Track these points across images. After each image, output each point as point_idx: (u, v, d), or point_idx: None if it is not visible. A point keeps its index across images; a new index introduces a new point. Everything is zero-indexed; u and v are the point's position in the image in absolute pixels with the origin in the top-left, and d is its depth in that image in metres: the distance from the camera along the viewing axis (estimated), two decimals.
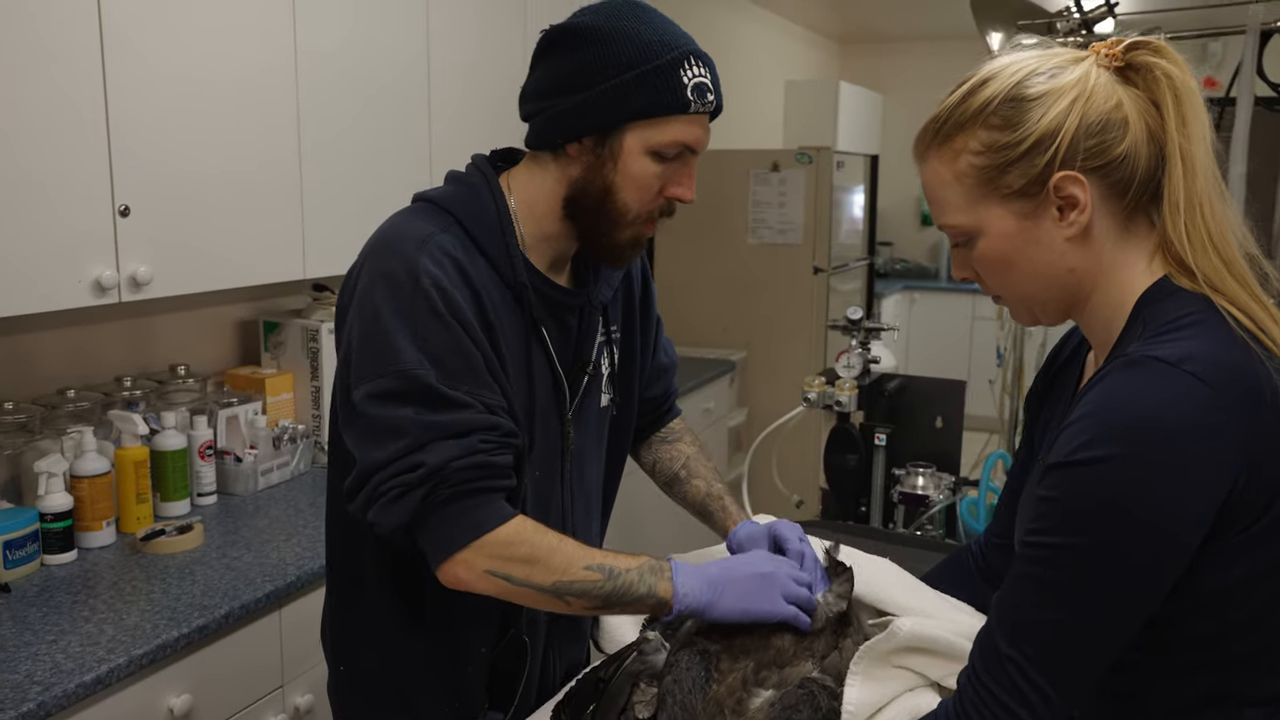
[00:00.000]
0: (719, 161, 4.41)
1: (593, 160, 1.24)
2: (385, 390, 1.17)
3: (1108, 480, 0.90)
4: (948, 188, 1.02)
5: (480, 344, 1.21)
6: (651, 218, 1.29)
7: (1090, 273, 1.02)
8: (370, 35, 2.41)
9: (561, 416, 1.36)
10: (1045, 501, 0.94)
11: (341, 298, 1.27)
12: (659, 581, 1.21)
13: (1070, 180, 0.97)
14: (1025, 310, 1.08)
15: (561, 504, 1.40)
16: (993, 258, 1.03)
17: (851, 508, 2.46)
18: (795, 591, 1.21)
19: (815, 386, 2.38)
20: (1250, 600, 0.94)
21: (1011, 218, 1.00)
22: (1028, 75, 0.99)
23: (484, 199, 1.28)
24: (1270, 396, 0.91)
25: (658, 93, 1.20)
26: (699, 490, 1.55)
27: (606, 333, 1.42)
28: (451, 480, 1.15)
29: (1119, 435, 0.90)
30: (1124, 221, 1.01)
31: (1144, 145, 0.98)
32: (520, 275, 1.27)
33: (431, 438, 1.15)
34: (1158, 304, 0.99)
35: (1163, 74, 0.98)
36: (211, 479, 2.25)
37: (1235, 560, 0.92)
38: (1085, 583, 0.92)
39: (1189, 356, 0.91)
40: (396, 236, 1.23)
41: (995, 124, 0.98)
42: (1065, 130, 0.96)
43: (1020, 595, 0.97)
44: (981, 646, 1.00)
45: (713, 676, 1.24)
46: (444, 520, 1.17)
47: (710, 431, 3.95)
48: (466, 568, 1.17)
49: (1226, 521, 0.91)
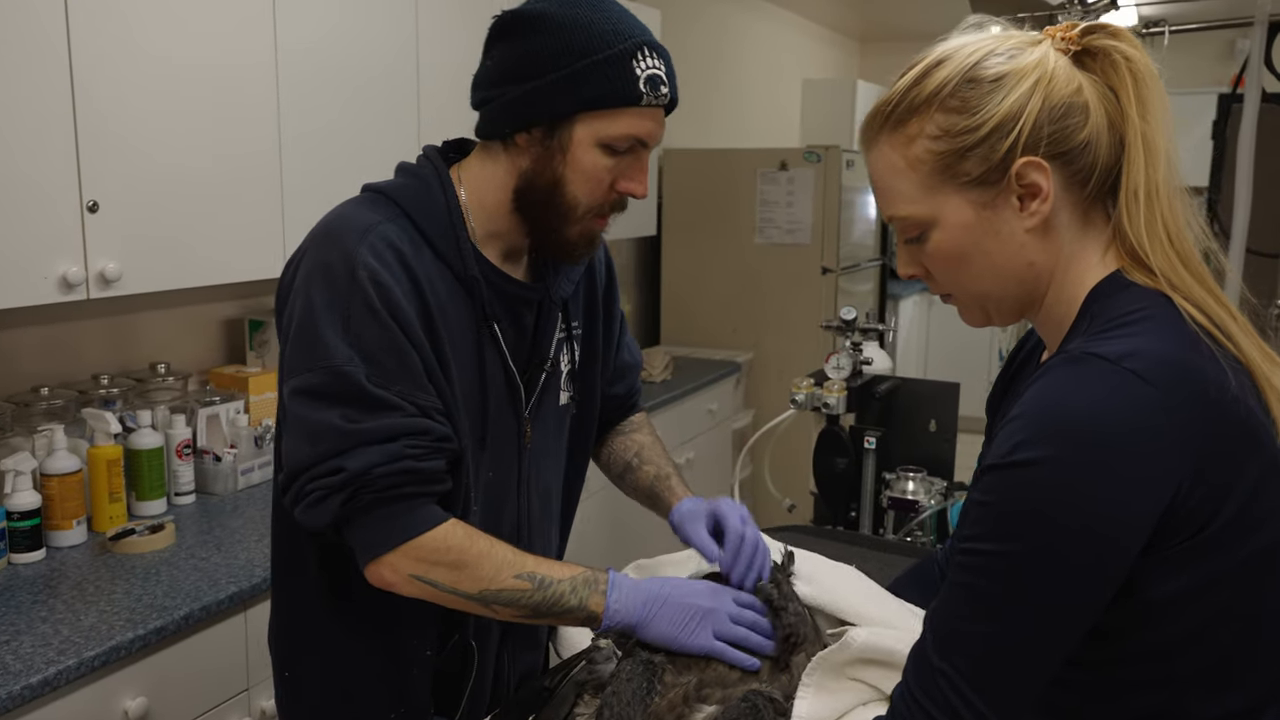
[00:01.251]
0: (726, 160, 4.36)
1: (541, 151, 1.20)
2: (313, 386, 1.14)
3: (1041, 484, 0.84)
4: (900, 176, 0.96)
5: (418, 342, 1.17)
6: (603, 212, 1.25)
7: (1048, 268, 0.96)
8: (355, 29, 2.38)
9: (518, 414, 1.33)
10: (979, 506, 0.89)
11: (281, 288, 1.24)
12: (591, 595, 1.18)
13: (1033, 167, 0.91)
14: (979, 309, 1.02)
15: (517, 504, 1.36)
16: (948, 251, 0.97)
17: (841, 512, 2.40)
18: (730, 631, 1.18)
19: (803, 388, 2.33)
20: (1196, 614, 0.89)
21: (969, 208, 0.94)
22: (985, 56, 0.93)
23: (433, 190, 1.24)
24: (1218, 396, 0.86)
25: (609, 83, 1.16)
26: (648, 475, 1.51)
27: (567, 329, 1.39)
28: (375, 485, 1.13)
29: (1053, 436, 0.84)
30: (1083, 213, 0.96)
31: (1104, 133, 0.93)
32: (471, 268, 1.23)
33: (355, 442, 1.12)
34: (1108, 299, 0.94)
35: (1121, 57, 0.93)
36: (190, 478, 2.24)
37: (1179, 570, 0.87)
38: (1018, 593, 0.87)
39: (1131, 354, 0.86)
40: (339, 226, 1.20)
41: (953, 107, 0.92)
42: (1028, 114, 0.90)
43: (952, 605, 0.92)
44: (915, 659, 0.95)
45: (655, 689, 1.19)
46: (370, 523, 1.15)
47: (714, 433, 3.91)
48: (392, 570, 1.15)
49: (1170, 529, 0.85)
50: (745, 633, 1.19)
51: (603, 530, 3.05)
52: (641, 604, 1.18)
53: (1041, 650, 0.89)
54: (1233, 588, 0.88)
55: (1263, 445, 0.88)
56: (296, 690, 1.33)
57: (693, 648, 1.17)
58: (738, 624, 1.19)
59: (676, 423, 3.60)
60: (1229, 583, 0.88)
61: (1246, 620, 0.90)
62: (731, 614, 1.19)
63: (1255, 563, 0.88)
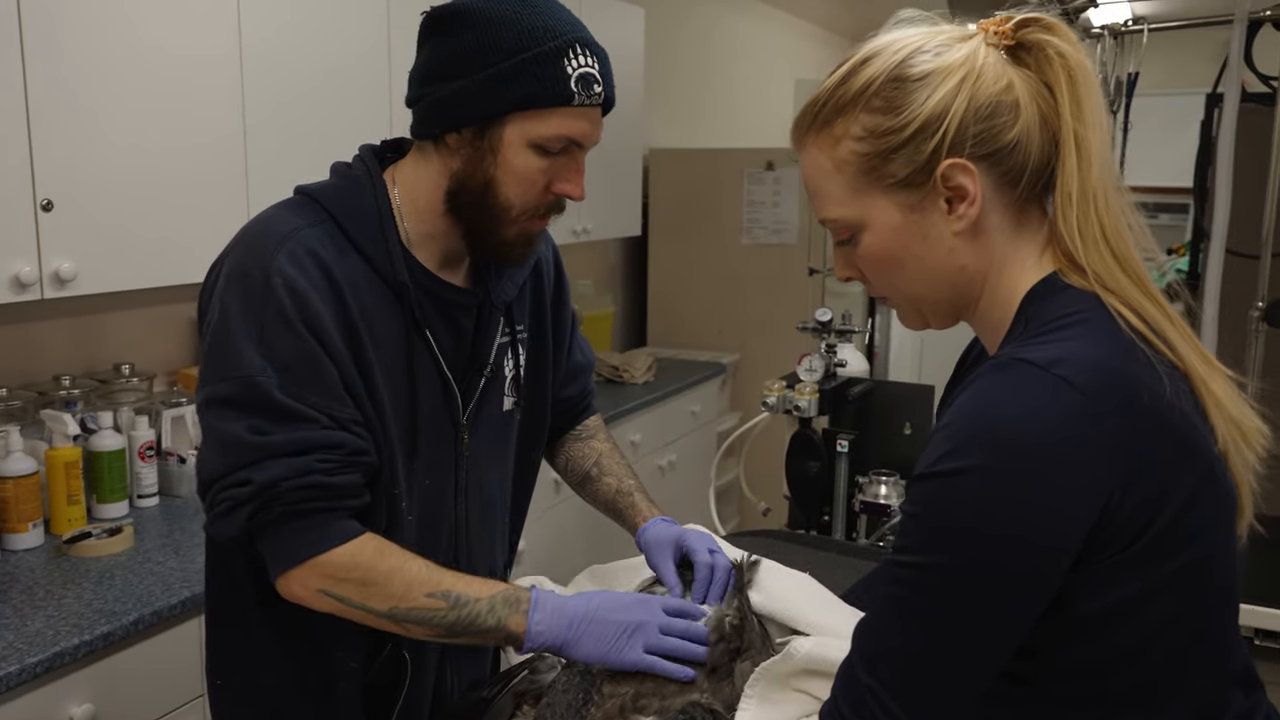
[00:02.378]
0: (712, 160, 4.33)
1: (472, 153, 1.17)
2: (224, 396, 1.12)
3: (967, 494, 0.82)
4: (828, 178, 0.94)
5: (335, 352, 1.15)
6: (539, 214, 1.22)
7: (981, 270, 0.94)
8: (323, 17, 2.35)
9: (455, 422, 1.30)
10: (907, 517, 0.87)
11: (203, 293, 1.22)
12: (512, 615, 1.15)
13: (958, 169, 0.88)
14: (915, 313, 1.00)
15: (455, 514, 1.33)
16: (878, 254, 0.94)
17: (815, 517, 2.37)
18: (660, 643, 1.15)
19: (775, 390, 2.30)
20: (1131, 629, 0.86)
21: (896, 210, 0.91)
22: (912, 53, 0.91)
23: (363, 192, 1.21)
24: (1151, 403, 0.83)
25: (538, 83, 1.13)
26: (610, 488, 1.48)
27: (511, 333, 1.36)
28: (283, 499, 1.10)
29: (980, 445, 0.81)
30: (1016, 214, 0.93)
31: (1036, 131, 0.90)
32: (400, 274, 1.20)
33: (263, 455, 1.10)
34: (1042, 303, 0.91)
35: (1055, 53, 0.90)
36: (153, 480, 2.21)
37: (1112, 584, 0.84)
38: (945, 606, 0.84)
39: (1061, 359, 0.83)
40: (259, 232, 1.18)
41: (877, 107, 0.90)
42: (952, 114, 0.88)
43: (880, 619, 0.89)
44: (843, 675, 0.92)
45: (592, 700, 1.17)
46: (280, 536, 1.13)
47: (697, 435, 3.88)
48: (300, 585, 1.13)
49: (1101, 541, 0.82)
50: (677, 643, 1.16)
51: (582, 530, 3.02)
52: (566, 623, 1.15)
53: (970, 665, 0.86)
54: (1167, 601, 0.85)
55: (1198, 453, 0.86)
56: (226, 699, 1.31)
57: (624, 664, 1.14)
58: (668, 634, 1.16)
59: (658, 425, 3.57)
60: (1163, 596, 0.85)
61: (1182, 635, 0.88)
62: (662, 625, 1.16)
63: (1189, 575, 0.86)
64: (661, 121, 4.63)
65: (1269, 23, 2.33)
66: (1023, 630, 0.85)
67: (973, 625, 0.84)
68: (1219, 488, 0.87)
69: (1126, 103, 2.59)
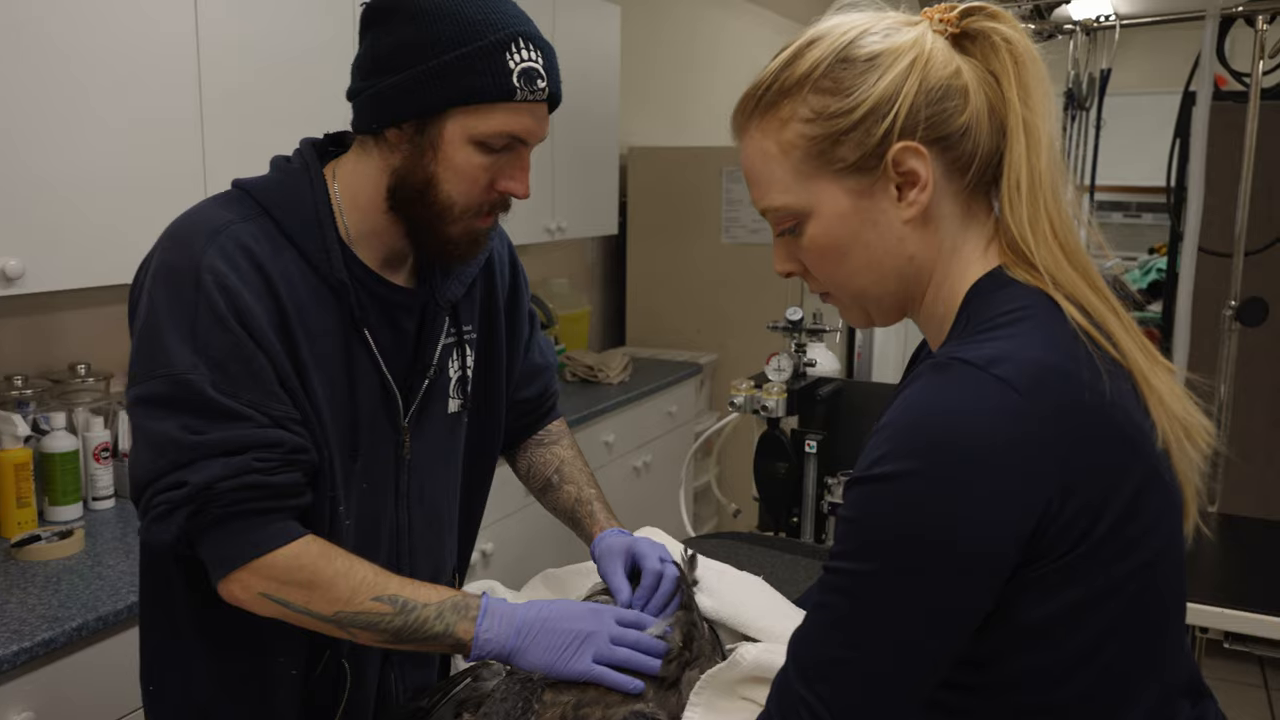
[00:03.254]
0: (691, 158, 4.30)
1: (412, 148, 1.14)
2: (154, 395, 1.08)
3: (901, 499, 0.79)
4: (772, 162, 0.90)
5: (269, 349, 1.11)
6: (483, 212, 1.19)
7: (929, 262, 0.91)
8: (286, 11, 2.31)
9: (395, 424, 1.26)
10: (843, 522, 0.84)
11: (132, 290, 1.18)
12: (460, 621, 1.12)
13: (910, 152, 0.86)
14: (859, 308, 0.96)
15: (396, 519, 1.30)
16: (824, 244, 0.91)
17: (784, 518, 2.34)
18: (610, 653, 1.12)
19: (743, 390, 2.27)
20: (1075, 637, 0.83)
21: (845, 196, 0.88)
22: (859, 35, 0.89)
23: (301, 188, 1.18)
24: (1093, 402, 0.80)
25: (479, 77, 1.10)
26: (570, 496, 1.45)
27: (457, 334, 1.32)
28: (221, 500, 1.07)
29: (916, 449, 0.79)
30: (965, 205, 0.91)
31: (985, 118, 0.88)
32: (339, 272, 1.17)
33: (198, 455, 1.07)
34: (984, 299, 0.88)
35: (1001, 39, 0.88)
36: (108, 482, 2.17)
37: (1053, 591, 0.81)
38: (879, 616, 0.81)
39: (999, 359, 0.80)
40: (189, 226, 1.14)
41: (826, 88, 0.87)
42: (904, 95, 0.85)
43: (815, 628, 0.86)
44: (778, 687, 0.89)
45: (532, 709, 1.13)
46: (220, 538, 1.09)
47: (674, 436, 3.85)
48: (242, 588, 1.10)
49: (1040, 548, 0.80)
50: (628, 654, 1.13)
51: (552, 533, 2.99)
52: (515, 631, 1.12)
53: (905, 677, 0.83)
54: (1111, 608, 0.83)
55: (1141, 454, 0.83)
56: (158, 705, 1.27)
57: (572, 674, 1.11)
58: (619, 645, 1.13)
59: (634, 425, 3.54)
60: (1107, 603, 0.82)
61: (1128, 643, 0.85)
62: (613, 635, 1.13)
63: (1134, 582, 0.83)
64: (640, 120, 4.59)
65: (1241, 19, 2.31)
66: (958, 640, 0.83)
67: (906, 636, 0.81)
68: (1163, 489, 0.85)
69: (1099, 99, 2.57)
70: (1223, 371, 2.33)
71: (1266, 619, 1.87)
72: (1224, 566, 2.11)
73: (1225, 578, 2.06)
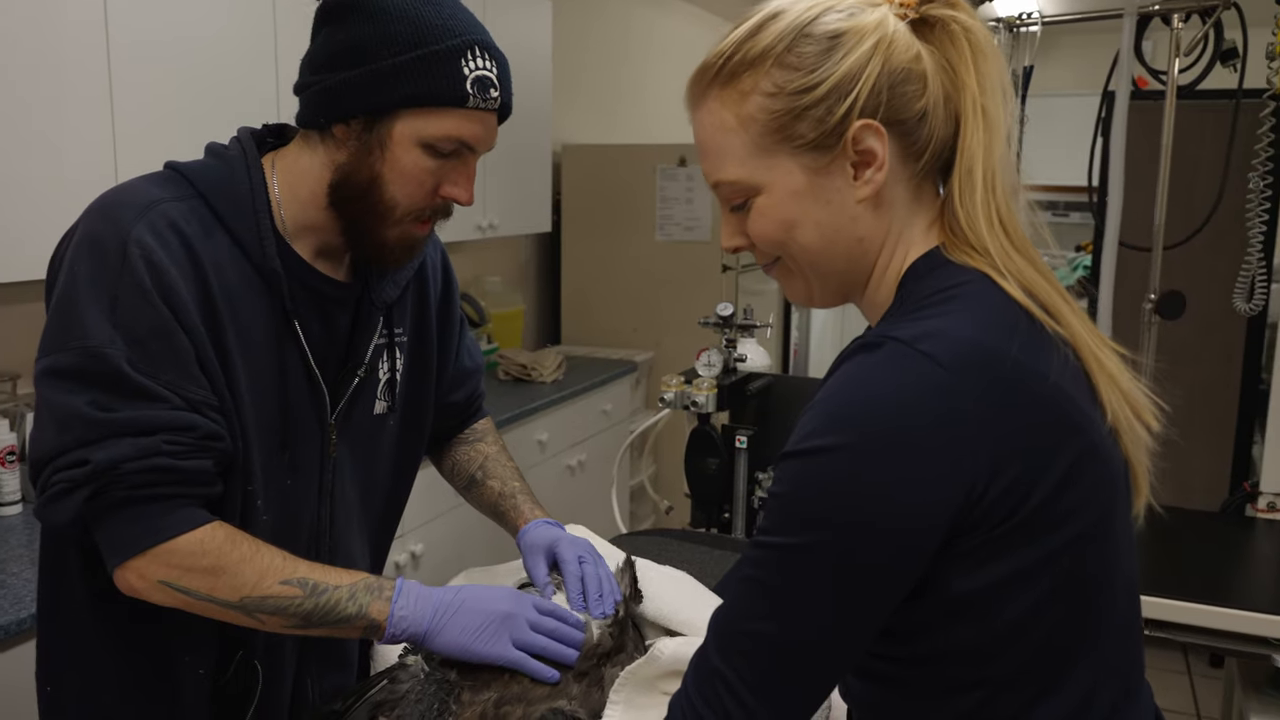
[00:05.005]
0: (625, 156, 4.29)
1: (359, 146, 1.13)
2: (65, 367, 1.04)
3: (826, 474, 0.79)
4: (730, 134, 0.89)
5: (192, 330, 1.08)
6: (423, 217, 1.17)
7: (876, 244, 0.91)
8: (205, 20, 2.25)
9: (322, 421, 1.23)
10: (771, 497, 0.84)
11: (51, 265, 1.14)
12: (374, 601, 1.10)
13: (869, 131, 0.86)
14: (803, 285, 0.95)
15: (317, 515, 1.27)
16: (775, 219, 0.90)
17: (715, 514, 2.33)
18: (529, 639, 1.11)
19: (673, 386, 2.26)
20: (1004, 612, 0.83)
21: (801, 173, 0.88)
22: (823, 12, 0.88)
23: (237, 174, 1.15)
24: (1024, 379, 0.81)
25: (432, 81, 1.09)
26: (494, 491, 1.44)
27: (389, 335, 1.30)
28: (124, 482, 1.03)
29: (845, 425, 0.79)
30: (915, 190, 0.91)
31: (940, 106, 0.88)
32: (271, 260, 1.14)
33: (105, 433, 1.03)
34: (920, 279, 0.89)
35: (960, 28, 0.89)
36: (15, 487, 2.09)
37: (981, 566, 0.81)
38: (801, 591, 0.81)
39: (928, 335, 0.80)
40: (117, 199, 1.11)
41: (789, 63, 0.86)
42: (868, 75, 0.85)
43: (738, 602, 0.86)
44: (695, 661, 0.89)
45: (450, 710, 1.10)
46: (119, 523, 1.05)
47: (609, 434, 3.83)
48: (139, 576, 1.06)
49: (969, 522, 0.80)
50: (546, 642, 1.11)
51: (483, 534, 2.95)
52: (431, 611, 1.10)
53: (826, 652, 0.83)
54: (1041, 583, 0.83)
55: (1079, 431, 0.83)
56: (57, 708, 1.22)
57: (488, 656, 1.09)
58: (538, 632, 1.12)
59: (568, 424, 3.51)
60: (1037, 578, 0.82)
61: (1062, 620, 0.85)
62: (531, 621, 1.12)
63: (1066, 558, 0.83)
64: (573, 117, 4.57)
65: (1158, 17, 2.35)
66: (881, 616, 0.83)
67: (828, 610, 0.81)
68: (1103, 467, 0.85)
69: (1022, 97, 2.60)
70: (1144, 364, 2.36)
71: (1188, 606, 1.90)
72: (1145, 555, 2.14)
73: (1146, 565, 2.10)
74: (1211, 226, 2.48)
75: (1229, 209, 2.49)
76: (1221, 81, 2.55)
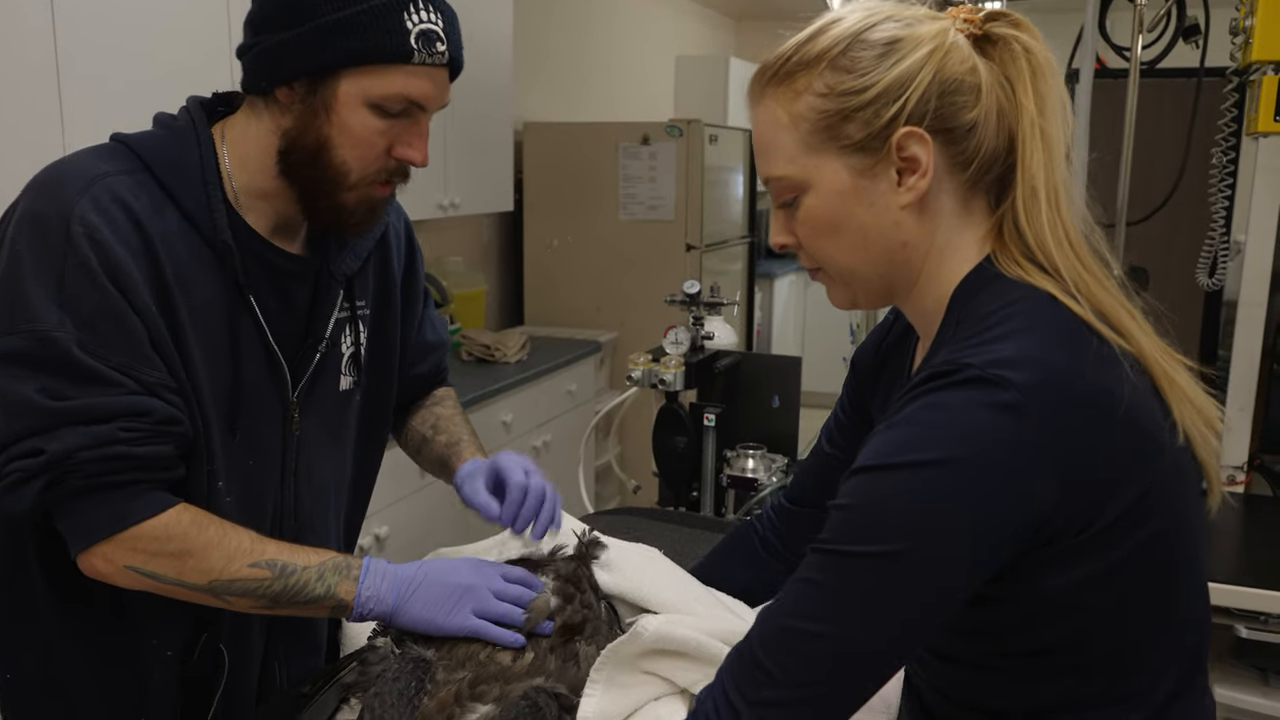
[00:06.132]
0: (588, 134, 4.26)
1: (304, 109, 1.09)
2: (12, 351, 1.01)
3: (901, 490, 0.82)
4: (783, 131, 0.92)
5: (143, 310, 1.04)
6: (380, 179, 1.14)
7: (921, 252, 0.93)
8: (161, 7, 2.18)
9: (284, 399, 1.20)
10: (838, 509, 0.85)
11: None
12: (341, 581, 1.09)
13: (914, 138, 0.89)
14: (846, 288, 0.98)
15: (282, 497, 1.25)
16: (820, 218, 0.93)
17: (684, 493, 2.33)
18: (493, 608, 1.09)
19: (640, 364, 2.24)
20: (1088, 608, 0.87)
21: (846, 173, 0.91)
22: (882, 20, 0.91)
23: (187, 145, 1.12)
24: (1101, 404, 0.82)
25: (374, 36, 1.06)
26: (440, 444, 1.41)
27: (351, 308, 1.27)
28: (81, 472, 1.00)
29: (916, 446, 0.82)
30: (964, 201, 0.93)
31: (994, 120, 0.90)
32: (223, 233, 1.10)
33: (58, 421, 1.00)
34: (974, 298, 0.91)
35: (1022, 48, 0.91)
36: None
37: (1065, 568, 0.85)
38: (862, 599, 0.84)
39: (1000, 362, 0.82)
40: (60, 174, 1.07)
41: (843, 66, 0.90)
42: (918, 83, 0.88)
43: (792, 603, 0.87)
44: (736, 654, 0.90)
45: (425, 689, 1.08)
46: (82, 510, 1.03)
47: (574, 415, 3.80)
48: (105, 561, 1.04)
49: (1044, 538, 0.83)
50: (509, 609, 1.10)
51: (450, 516, 2.93)
52: (396, 588, 1.09)
53: (874, 662, 0.86)
54: (1124, 577, 0.86)
55: (1153, 454, 0.85)
56: (18, 695, 1.19)
57: (452, 628, 1.08)
58: (502, 600, 1.10)
59: (532, 405, 3.48)
60: (1119, 574, 0.86)
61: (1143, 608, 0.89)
62: (495, 589, 1.11)
63: (1147, 552, 0.86)
64: (535, 95, 4.52)
65: None
66: (935, 628, 0.86)
67: (885, 621, 0.83)
68: (1176, 479, 0.88)
69: None
70: None
71: None
72: None
73: None
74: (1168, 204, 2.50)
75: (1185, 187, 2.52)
76: (1182, 60, 2.57)
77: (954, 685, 1.00)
